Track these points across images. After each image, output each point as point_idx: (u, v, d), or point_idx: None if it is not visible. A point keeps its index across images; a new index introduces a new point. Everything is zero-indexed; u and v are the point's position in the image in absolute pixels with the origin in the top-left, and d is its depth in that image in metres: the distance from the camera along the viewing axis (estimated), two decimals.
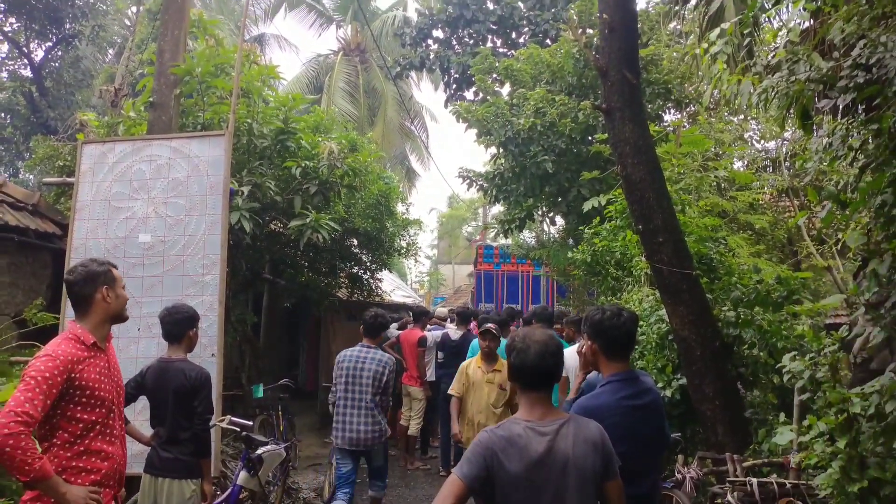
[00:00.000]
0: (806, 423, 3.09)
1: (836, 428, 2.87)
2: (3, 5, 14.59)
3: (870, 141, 2.83)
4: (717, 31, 3.22)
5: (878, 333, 2.69)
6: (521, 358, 2.53)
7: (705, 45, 3.48)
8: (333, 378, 5.88)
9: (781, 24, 2.86)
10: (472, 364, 6.33)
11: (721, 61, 3.39)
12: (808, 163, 3.11)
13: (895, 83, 2.63)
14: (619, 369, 3.04)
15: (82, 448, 2.84)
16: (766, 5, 2.92)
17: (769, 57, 3.09)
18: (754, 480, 3.66)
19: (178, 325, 4.20)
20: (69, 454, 2.81)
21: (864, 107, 3.61)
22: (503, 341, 6.62)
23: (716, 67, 3.45)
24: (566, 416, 2.52)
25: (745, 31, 3.40)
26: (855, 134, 2.81)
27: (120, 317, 3.09)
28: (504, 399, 6.09)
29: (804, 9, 2.79)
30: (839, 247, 7.31)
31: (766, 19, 3.26)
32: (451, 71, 17.13)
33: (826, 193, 2.86)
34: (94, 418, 2.87)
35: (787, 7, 2.85)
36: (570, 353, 5.03)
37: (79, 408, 2.82)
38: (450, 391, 6.36)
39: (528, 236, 17.96)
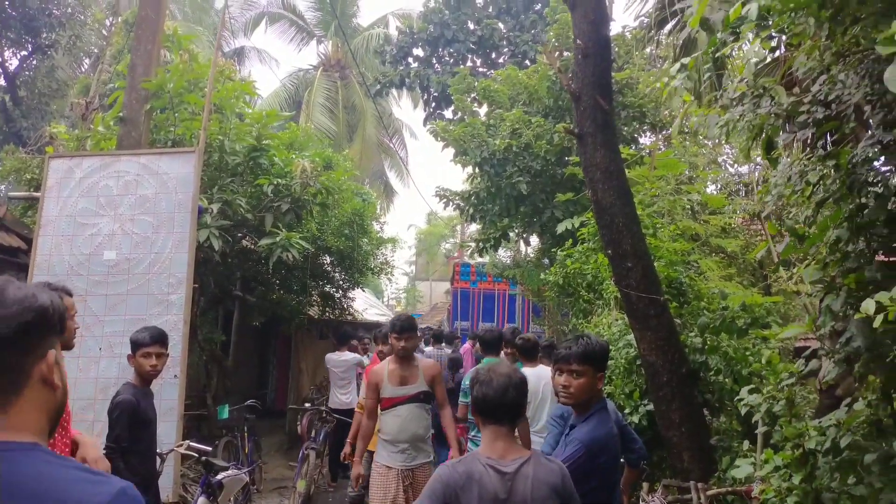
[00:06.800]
0: (762, 456, 3.09)
1: (791, 463, 2.87)
2: None
3: (830, 175, 2.86)
4: (676, 65, 3.25)
5: (832, 370, 2.71)
6: (484, 391, 2.50)
7: (665, 80, 3.51)
8: None
9: (746, 57, 2.89)
10: None
11: (687, 95, 3.42)
12: (767, 196, 3.14)
13: (853, 120, 2.67)
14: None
15: None
16: (728, 40, 2.96)
17: (733, 90, 3.13)
18: None
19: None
20: None
21: (832, 139, 3.66)
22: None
23: (677, 99, 3.48)
24: (528, 453, 2.48)
25: (705, 66, 3.43)
26: (813, 169, 2.84)
27: (64, 346, 2.98)
28: None
29: (761, 47, 2.83)
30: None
31: (733, 51, 3.30)
32: (431, 89, 17.21)
33: (786, 227, 2.88)
34: None
35: (748, 43, 2.88)
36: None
37: None
38: None
39: (504, 255, 18.01)
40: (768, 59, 4.41)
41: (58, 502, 1.18)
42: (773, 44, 3.07)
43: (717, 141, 11.80)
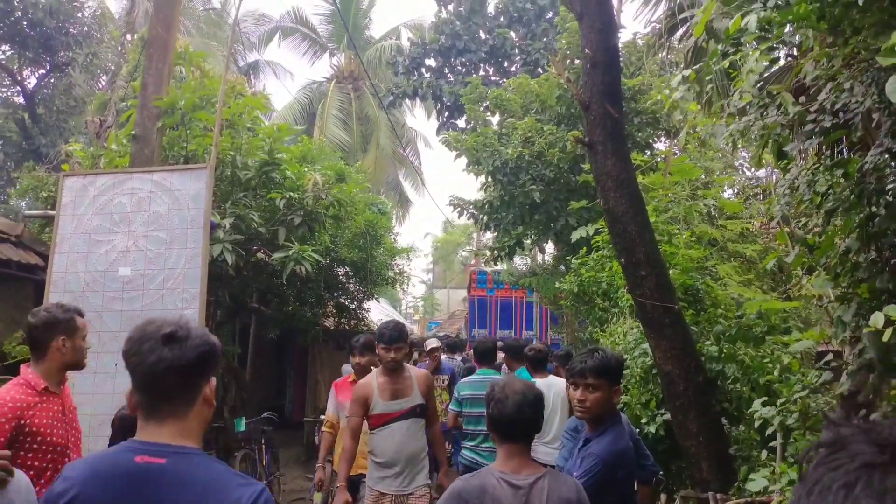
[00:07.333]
0: (778, 470, 3.03)
1: None
2: None
3: (839, 184, 2.81)
4: (678, 77, 3.22)
5: (846, 382, 2.66)
6: (499, 409, 2.50)
7: (667, 91, 3.48)
8: None
9: (748, 68, 2.85)
10: None
11: (694, 104, 3.39)
12: (776, 206, 3.10)
13: (861, 128, 2.63)
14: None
15: None
16: (729, 52, 2.94)
17: (738, 99, 3.09)
18: None
19: None
20: None
21: (846, 145, 3.60)
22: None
23: (679, 112, 3.46)
24: (543, 469, 2.48)
25: (708, 78, 3.40)
26: (821, 178, 2.79)
27: (77, 366, 3.04)
28: None
29: (759, 59, 2.79)
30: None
31: (737, 61, 3.26)
32: (444, 99, 17.24)
33: (796, 237, 2.85)
34: (45, 464, 2.83)
35: (751, 53, 2.86)
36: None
37: (30, 454, 2.78)
38: None
39: (520, 263, 17.96)
40: (781, 63, 4.36)
41: (221, 493, 1.57)
42: (777, 54, 3.04)
43: (729, 147, 11.68)
